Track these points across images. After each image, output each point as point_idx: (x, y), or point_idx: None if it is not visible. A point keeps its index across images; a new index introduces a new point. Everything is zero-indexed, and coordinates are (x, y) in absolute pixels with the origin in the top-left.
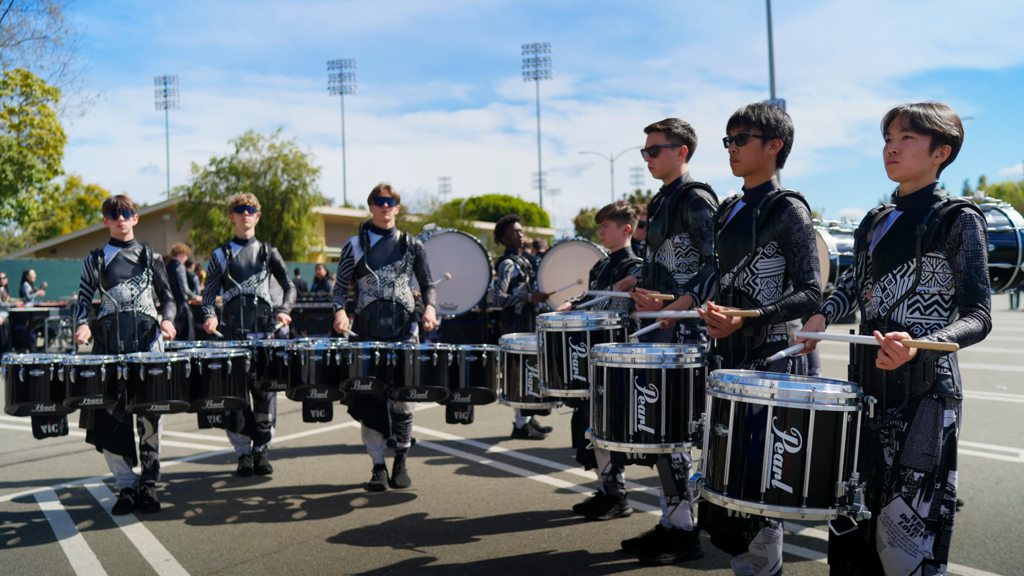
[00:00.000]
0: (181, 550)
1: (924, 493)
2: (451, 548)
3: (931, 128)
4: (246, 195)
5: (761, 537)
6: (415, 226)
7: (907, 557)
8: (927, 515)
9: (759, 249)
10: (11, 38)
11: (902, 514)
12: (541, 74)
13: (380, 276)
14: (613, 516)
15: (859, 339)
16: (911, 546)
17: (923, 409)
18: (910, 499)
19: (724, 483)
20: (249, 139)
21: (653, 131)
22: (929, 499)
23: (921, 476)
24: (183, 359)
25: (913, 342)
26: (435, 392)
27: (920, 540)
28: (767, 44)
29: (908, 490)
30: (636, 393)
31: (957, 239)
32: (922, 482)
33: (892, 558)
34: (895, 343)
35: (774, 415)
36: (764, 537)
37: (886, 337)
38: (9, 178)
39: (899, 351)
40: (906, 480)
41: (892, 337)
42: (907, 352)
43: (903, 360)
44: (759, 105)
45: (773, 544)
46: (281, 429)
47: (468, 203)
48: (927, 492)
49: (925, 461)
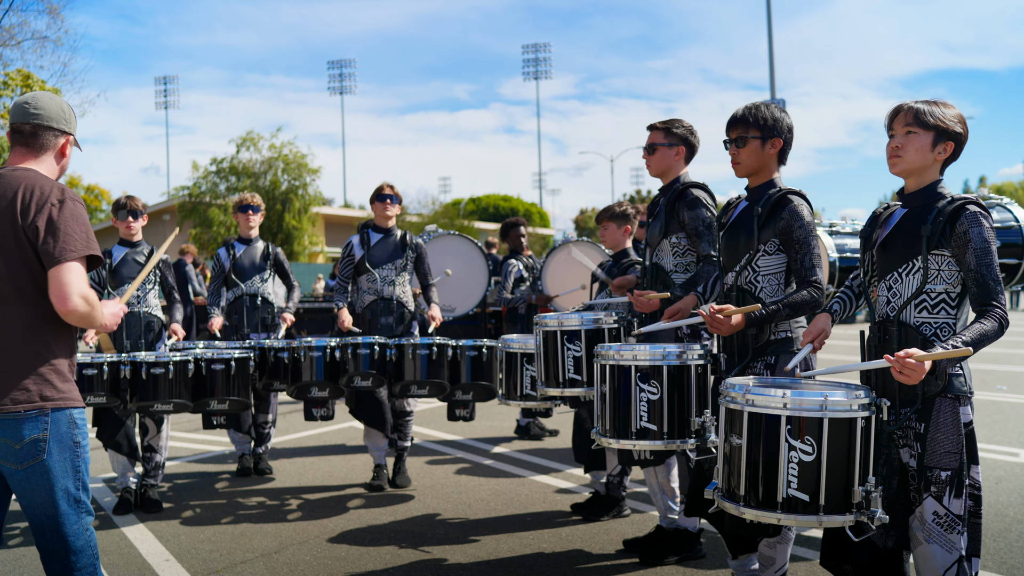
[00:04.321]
0: (181, 550)
1: (954, 490)
2: (451, 548)
3: (934, 124)
4: (250, 195)
5: (775, 536)
6: (415, 226)
7: (944, 554)
8: (959, 511)
9: (760, 247)
10: (11, 38)
11: (935, 512)
12: (541, 74)
13: (381, 275)
14: (612, 517)
15: (870, 365)
16: (948, 543)
17: (940, 409)
18: (940, 497)
19: (740, 493)
20: (249, 139)
21: (654, 129)
22: (960, 495)
23: (948, 474)
24: (186, 359)
25: (926, 355)
26: (436, 387)
27: (957, 537)
28: (767, 44)
29: (937, 489)
30: (638, 390)
31: (964, 237)
32: (950, 479)
33: (929, 555)
34: (908, 361)
35: (787, 424)
36: (778, 537)
37: (896, 357)
38: None
39: (914, 368)
40: (934, 480)
41: (904, 356)
42: (922, 367)
43: (921, 375)
44: (756, 105)
45: (784, 545)
46: (281, 429)
47: (468, 203)
48: (957, 489)
49: (951, 459)
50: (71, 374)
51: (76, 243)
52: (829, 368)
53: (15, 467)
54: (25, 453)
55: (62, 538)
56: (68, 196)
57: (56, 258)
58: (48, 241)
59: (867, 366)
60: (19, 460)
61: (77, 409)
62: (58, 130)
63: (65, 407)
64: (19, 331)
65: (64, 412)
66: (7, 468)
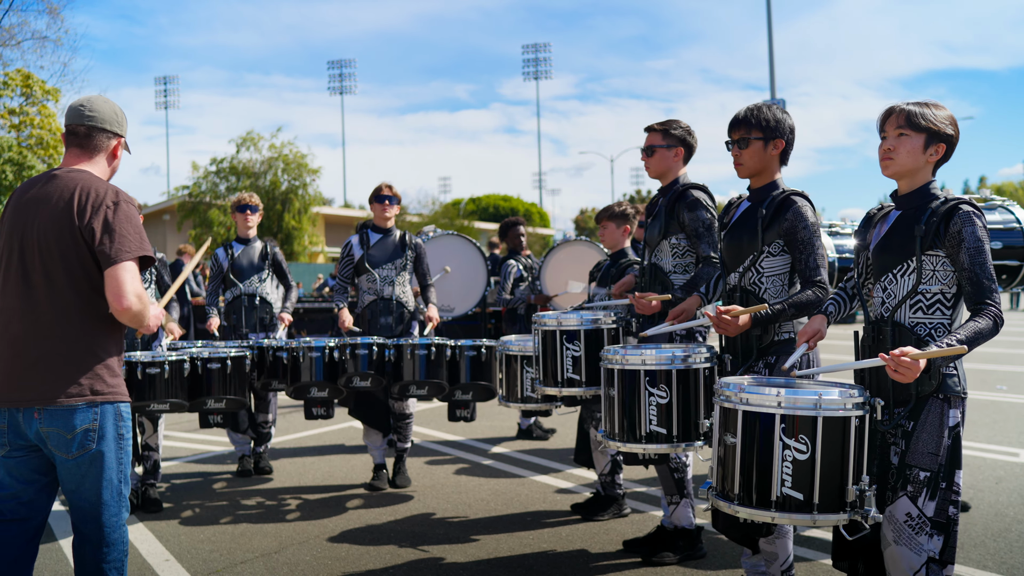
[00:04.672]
0: (181, 550)
1: (930, 492)
2: (451, 548)
3: (926, 126)
4: (248, 194)
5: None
6: (415, 226)
7: (911, 556)
8: (933, 514)
9: (764, 248)
10: (11, 38)
11: (907, 512)
12: (541, 74)
13: (380, 275)
14: (611, 516)
15: (865, 364)
16: (916, 545)
17: (929, 408)
18: (915, 498)
19: (734, 491)
20: (249, 139)
21: (651, 131)
22: (935, 498)
23: (927, 475)
24: (181, 358)
25: (920, 353)
26: (435, 387)
27: (926, 539)
28: (767, 44)
29: (914, 489)
30: (647, 394)
31: (957, 237)
32: (928, 481)
33: (897, 556)
34: (903, 360)
35: (782, 423)
36: (775, 532)
37: (891, 355)
38: (9, 178)
39: (909, 366)
40: (912, 479)
41: (899, 354)
42: (917, 365)
43: (916, 373)
44: (758, 106)
45: (783, 539)
46: (281, 429)
47: (468, 203)
48: (932, 491)
49: (930, 460)
50: (119, 370)
51: (131, 244)
52: (824, 367)
53: (66, 456)
54: (76, 443)
55: (99, 527)
56: (122, 198)
57: (112, 258)
58: (104, 242)
59: (862, 364)
60: (70, 450)
61: (124, 403)
62: (111, 132)
63: (114, 401)
64: (75, 328)
65: (113, 406)
66: (59, 457)
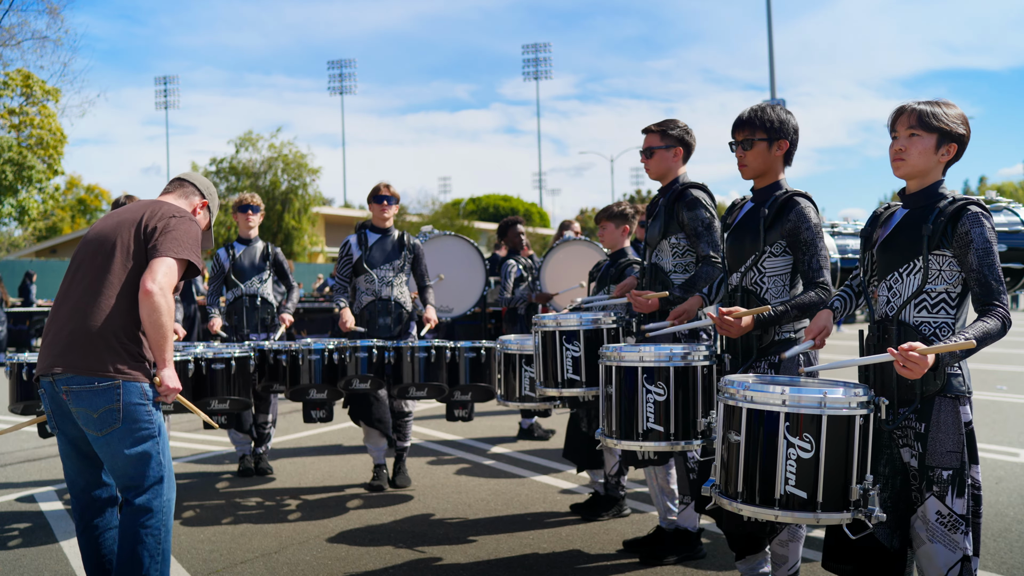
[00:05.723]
0: (181, 550)
1: (956, 489)
2: (451, 548)
3: (938, 126)
4: (250, 195)
5: (786, 534)
6: (415, 226)
7: (947, 553)
8: (962, 511)
9: (767, 248)
10: (11, 38)
11: (938, 511)
12: (541, 74)
13: (378, 275)
14: (611, 517)
15: (873, 359)
16: (952, 542)
17: (940, 408)
18: (943, 497)
19: (738, 489)
20: (249, 139)
21: (649, 133)
22: (962, 494)
23: (950, 473)
24: (185, 359)
25: (929, 348)
26: (434, 389)
27: (961, 537)
28: (767, 44)
29: (940, 489)
30: (645, 392)
31: (965, 237)
32: (952, 479)
33: (932, 554)
34: (911, 354)
35: (786, 421)
36: (788, 535)
37: (900, 349)
38: (9, 178)
39: (917, 360)
40: (936, 479)
41: (907, 348)
42: (926, 360)
43: (924, 368)
44: (762, 107)
45: (796, 543)
46: (281, 429)
47: (468, 203)
48: (959, 488)
49: (952, 459)
50: (146, 355)
51: (181, 246)
52: (832, 363)
53: (96, 434)
54: (102, 421)
55: (139, 493)
56: (188, 216)
57: (159, 251)
58: (159, 239)
59: (869, 360)
60: (99, 427)
61: (147, 384)
62: (201, 193)
63: (136, 381)
64: (115, 316)
65: (135, 384)
66: (91, 435)
